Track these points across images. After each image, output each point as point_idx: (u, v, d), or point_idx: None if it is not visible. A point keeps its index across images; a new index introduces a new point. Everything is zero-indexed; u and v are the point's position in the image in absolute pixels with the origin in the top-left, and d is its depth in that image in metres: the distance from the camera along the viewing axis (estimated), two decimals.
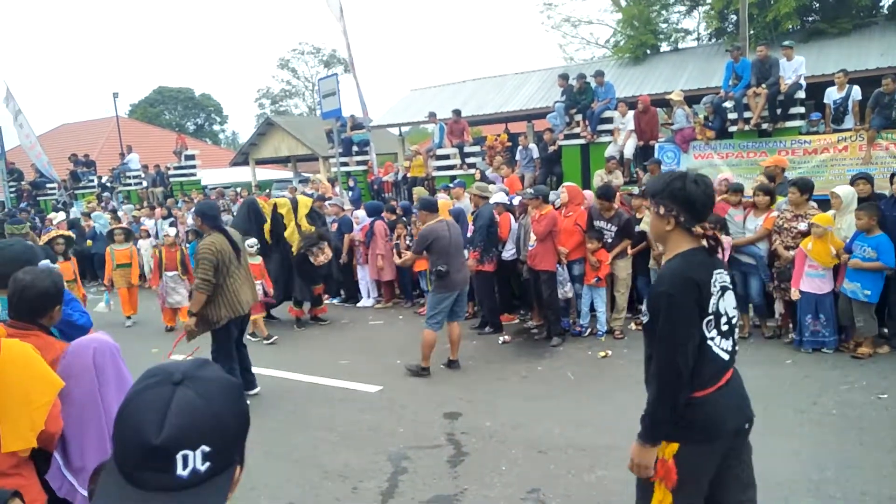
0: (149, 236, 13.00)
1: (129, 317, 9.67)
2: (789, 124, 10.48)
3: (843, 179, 9.18)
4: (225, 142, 53.41)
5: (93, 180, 19.67)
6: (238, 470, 1.09)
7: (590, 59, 25.23)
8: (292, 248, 8.68)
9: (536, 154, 12.96)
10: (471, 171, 12.97)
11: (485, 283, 7.79)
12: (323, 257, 8.57)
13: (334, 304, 10.16)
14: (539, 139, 13.58)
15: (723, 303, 2.35)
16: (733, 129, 10.83)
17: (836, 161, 9.99)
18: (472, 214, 8.21)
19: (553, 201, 7.51)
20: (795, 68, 10.34)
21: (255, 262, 8.04)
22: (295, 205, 8.86)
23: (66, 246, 7.94)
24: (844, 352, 6.22)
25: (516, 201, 8.26)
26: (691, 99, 12.87)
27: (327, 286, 9.54)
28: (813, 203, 6.65)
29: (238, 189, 16.32)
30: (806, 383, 5.60)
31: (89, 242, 12.66)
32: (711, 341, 2.32)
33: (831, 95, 10.33)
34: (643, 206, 7.55)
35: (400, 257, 6.99)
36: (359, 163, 15.61)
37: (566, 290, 7.30)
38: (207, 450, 1.00)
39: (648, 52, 19.32)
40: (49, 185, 20.04)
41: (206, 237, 5.68)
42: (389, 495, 4.13)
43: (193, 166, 18.65)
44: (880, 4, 17.48)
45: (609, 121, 12.06)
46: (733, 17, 18.30)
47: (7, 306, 2.65)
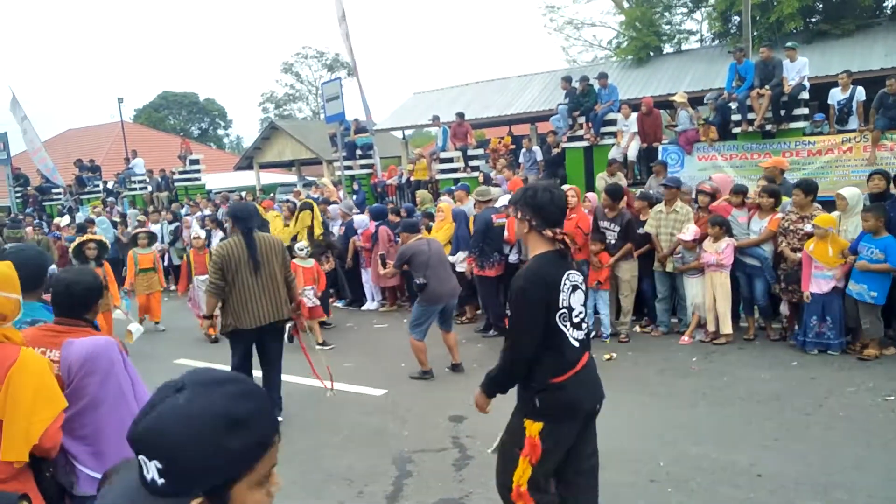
0: (155, 240, 13.04)
1: (157, 323, 9.45)
2: (793, 125, 10.46)
3: (848, 180, 9.17)
4: (229, 146, 53.53)
5: (98, 185, 19.75)
6: (199, 501, 1.01)
7: (592, 61, 25.23)
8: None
9: (540, 156, 12.96)
10: (474, 174, 12.97)
11: (489, 287, 7.79)
12: (327, 266, 8.60)
13: (339, 307, 10.17)
14: (542, 142, 13.59)
15: (573, 298, 2.76)
16: (737, 130, 10.82)
17: (840, 162, 9.96)
18: (475, 217, 8.21)
19: None
20: (799, 69, 10.33)
21: (307, 266, 7.87)
22: (312, 210, 8.80)
23: (99, 251, 7.54)
24: (851, 354, 6.20)
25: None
26: (695, 101, 12.86)
27: (331, 293, 9.56)
28: (817, 204, 6.62)
29: (243, 193, 16.35)
30: (812, 385, 5.57)
31: None
32: (566, 332, 2.72)
33: (835, 96, 10.30)
34: (645, 208, 7.54)
35: (385, 268, 7.15)
36: (362, 166, 15.63)
37: None
38: (160, 466, 1.00)
39: (651, 53, 19.31)
40: (55, 191, 20.12)
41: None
42: (394, 499, 4.12)
43: (198, 171, 18.70)
44: (884, 5, 17.45)
45: (612, 123, 12.06)
46: (736, 19, 18.28)
47: (29, 309, 2.69)
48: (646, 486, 4.06)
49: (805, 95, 10.46)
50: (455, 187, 10.34)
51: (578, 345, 2.77)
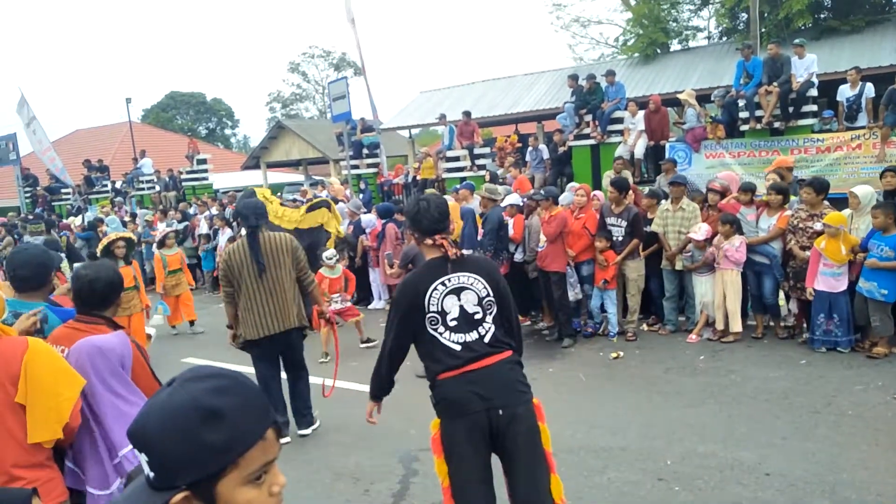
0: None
1: (192, 322, 9.27)
2: (801, 122, 10.40)
3: (857, 178, 9.12)
4: (236, 146, 53.72)
5: (106, 185, 19.87)
6: (183, 496, 1.01)
7: (599, 59, 25.16)
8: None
9: (547, 155, 12.94)
10: (481, 173, 12.98)
11: None
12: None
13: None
14: (549, 140, 13.57)
15: (450, 302, 2.79)
16: (745, 127, 10.76)
17: (849, 159, 9.90)
18: (482, 217, 8.19)
19: (562, 204, 7.48)
20: (807, 66, 10.27)
21: (335, 276, 7.66)
22: (329, 208, 8.71)
23: (127, 249, 7.33)
24: (860, 352, 6.16)
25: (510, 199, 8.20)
26: (702, 98, 12.81)
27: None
28: (826, 202, 6.58)
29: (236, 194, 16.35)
30: (821, 383, 5.54)
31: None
32: (440, 335, 2.79)
33: (844, 93, 10.24)
34: (653, 206, 7.52)
35: (391, 268, 7.16)
36: (369, 165, 15.66)
37: (576, 292, 7.28)
38: (147, 459, 1.03)
39: (658, 50, 19.23)
40: (64, 191, 20.25)
41: None
42: (401, 497, 4.13)
43: (205, 170, 18.78)
44: (893, 1, 17.32)
45: (619, 121, 12.02)
46: (744, 16, 18.20)
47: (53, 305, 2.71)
48: (653, 484, 4.05)
49: (814, 92, 10.40)
50: (459, 186, 10.32)
51: (461, 348, 2.77)
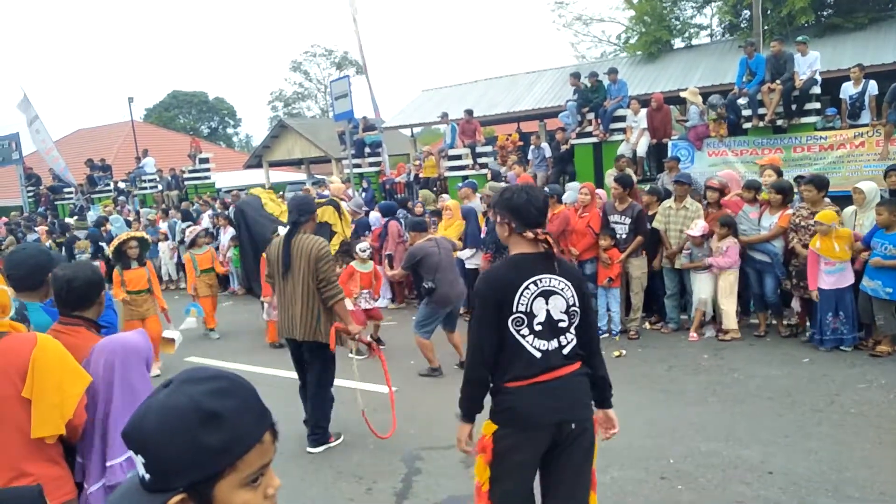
0: (167, 239, 13.12)
1: (212, 329, 8.84)
2: (804, 120, 10.37)
3: (860, 175, 9.08)
4: (238, 145, 53.78)
5: (109, 184, 19.89)
6: (180, 499, 1.01)
7: (601, 57, 25.12)
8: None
9: (549, 153, 12.92)
10: (483, 172, 12.96)
11: None
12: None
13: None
14: (551, 138, 13.54)
15: (539, 304, 2.57)
16: (748, 125, 10.73)
17: (852, 157, 9.87)
18: (484, 215, 8.19)
19: (566, 202, 7.47)
20: (810, 63, 10.23)
21: (366, 270, 7.40)
22: (338, 208, 8.67)
23: (141, 250, 6.99)
24: (863, 350, 6.15)
25: None
26: (705, 96, 12.78)
27: None
28: (828, 200, 6.57)
29: (248, 192, 16.38)
30: (824, 382, 5.53)
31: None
32: (522, 338, 2.56)
33: (847, 90, 10.20)
34: (654, 203, 7.51)
35: (392, 269, 7.06)
36: (371, 164, 15.66)
37: None
38: (143, 461, 1.02)
39: (661, 48, 19.19)
40: (66, 190, 20.29)
41: None
42: (404, 496, 4.13)
43: (208, 169, 18.80)
44: None
45: (622, 119, 12.00)
46: (747, 13, 18.15)
47: (23, 306, 2.70)
48: (656, 483, 4.05)
49: (817, 90, 10.36)
50: (461, 185, 10.31)
51: (540, 356, 2.57)
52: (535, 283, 2.59)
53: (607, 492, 3.99)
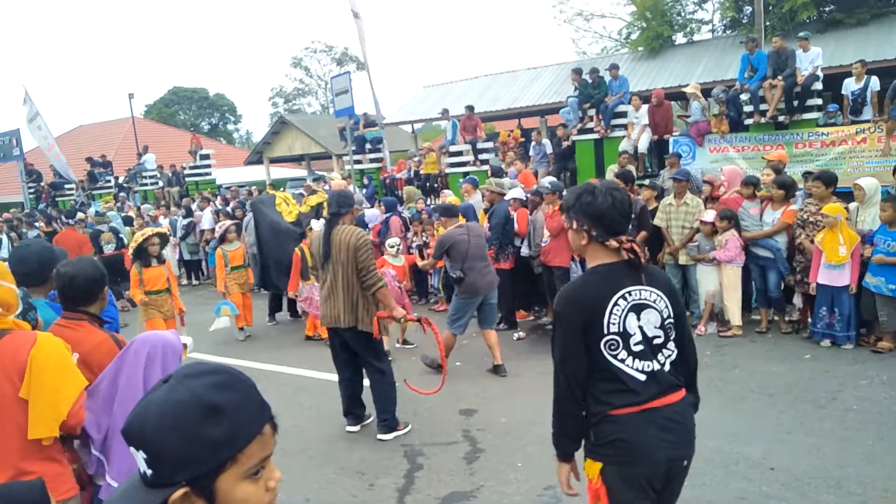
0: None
1: (241, 328, 8.44)
2: (806, 116, 10.35)
3: (862, 172, 9.07)
4: (239, 141, 53.75)
5: (110, 181, 19.90)
6: (183, 493, 1.02)
7: (602, 53, 25.09)
8: None
9: (550, 149, 12.91)
10: (484, 168, 12.95)
11: (501, 280, 7.76)
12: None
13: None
14: (552, 134, 13.53)
15: (632, 321, 2.24)
16: (749, 121, 10.72)
17: (854, 153, 9.85)
18: (486, 211, 8.17)
19: None
20: (812, 59, 10.21)
21: (398, 264, 7.32)
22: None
23: (162, 247, 6.78)
24: (865, 346, 6.15)
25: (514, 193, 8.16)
26: (706, 92, 12.76)
27: None
28: (834, 197, 6.56)
29: (251, 188, 16.40)
30: (825, 378, 5.53)
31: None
32: (621, 363, 2.23)
33: (849, 86, 10.19)
34: (652, 199, 7.51)
35: (423, 258, 6.87)
36: (372, 160, 15.64)
37: None
38: (145, 456, 1.02)
39: (662, 43, 19.15)
40: (67, 186, 20.29)
41: None
42: (406, 492, 4.14)
43: (208, 166, 18.80)
44: None
45: (623, 115, 11.98)
46: (748, 9, 18.10)
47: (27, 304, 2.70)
48: None
49: (818, 86, 10.35)
50: (462, 181, 10.29)
51: (645, 378, 2.22)
52: (624, 297, 2.26)
53: None
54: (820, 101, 10.56)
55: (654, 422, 2.21)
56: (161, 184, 18.41)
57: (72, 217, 12.62)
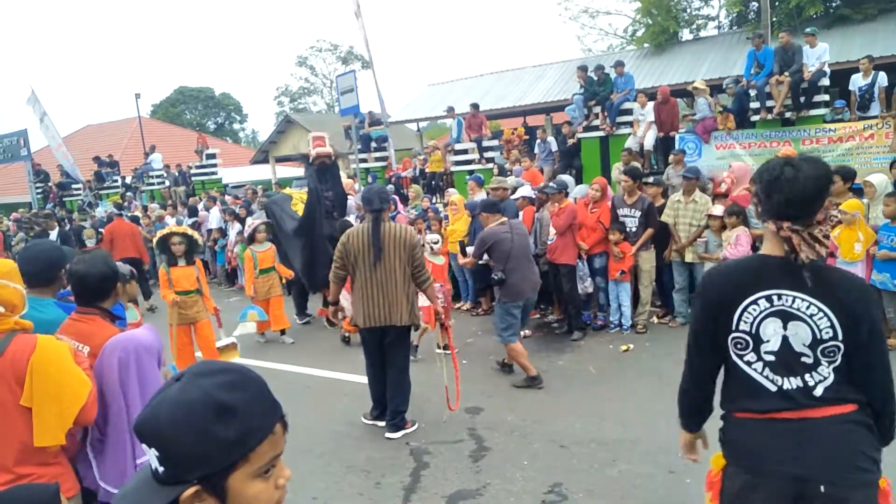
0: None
1: (282, 331, 7.98)
2: (813, 112, 10.29)
3: (870, 168, 9.02)
4: (245, 140, 53.85)
5: (117, 180, 19.98)
6: (195, 490, 1.02)
7: (608, 50, 25.02)
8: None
9: (555, 147, 12.89)
10: (489, 166, 12.94)
11: None
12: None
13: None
14: (558, 132, 13.49)
15: (771, 327, 1.96)
16: (755, 118, 10.67)
17: (861, 149, 9.80)
18: None
19: (575, 196, 7.44)
20: (819, 55, 10.15)
21: (439, 262, 7.05)
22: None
23: (189, 247, 6.31)
24: None
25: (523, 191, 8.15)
26: (712, 89, 12.70)
27: None
28: (849, 193, 6.53)
29: (256, 187, 16.43)
30: None
31: None
32: (748, 365, 2.01)
33: (856, 82, 10.13)
34: (659, 196, 7.48)
35: (464, 255, 6.58)
36: (377, 159, 15.65)
37: (586, 285, 7.25)
38: (157, 454, 1.03)
39: (668, 39, 19.09)
40: (74, 186, 20.39)
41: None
42: (412, 490, 4.15)
43: (214, 165, 18.84)
44: None
45: (628, 112, 11.94)
46: (755, 4, 18.02)
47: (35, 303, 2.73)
48: (664, 477, 4.05)
49: (825, 82, 10.29)
50: (468, 178, 10.29)
51: (776, 389, 1.96)
52: (769, 298, 1.95)
53: (615, 486, 3.99)
54: (827, 97, 10.50)
55: (778, 433, 1.96)
56: (168, 183, 18.47)
57: (120, 209, 12.95)
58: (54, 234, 11.44)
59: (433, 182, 13.71)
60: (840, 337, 1.91)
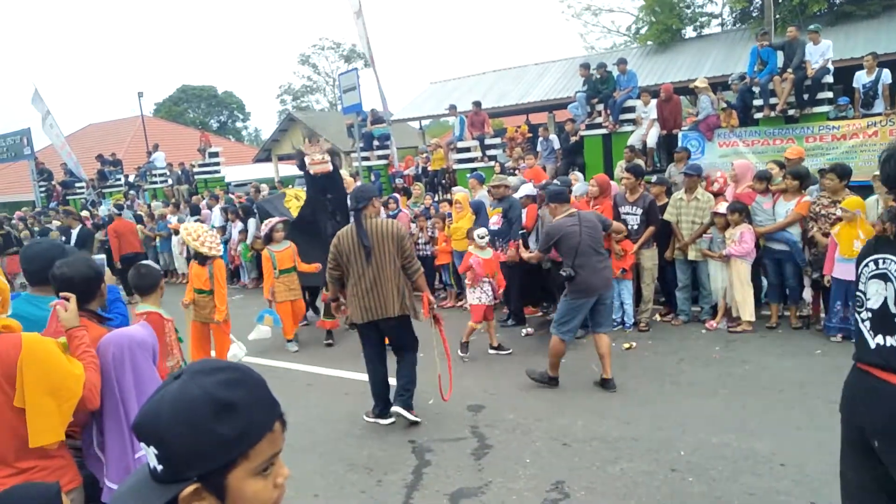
0: (178, 233, 13.18)
1: (292, 340, 7.61)
2: (817, 110, 10.26)
3: (874, 165, 8.97)
4: (248, 138, 53.88)
5: (119, 179, 20.00)
6: (194, 488, 1.02)
7: (611, 48, 24.96)
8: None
9: (557, 145, 12.87)
10: (491, 164, 12.92)
11: (510, 275, 7.75)
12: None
13: None
14: (560, 130, 13.48)
15: (875, 287, 2.26)
16: (759, 115, 10.64)
17: (865, 147, 9.76)
18: (492, 206, 8.16)
19: (576, 195, 7.43)
20: (822, 52, 10.12)
21: (487, 256, 6.84)
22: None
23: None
24: None
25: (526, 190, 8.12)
26: (715, 86, 12.67)
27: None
28: (848, 189, 6.51)
29: (259, 186, 16.42)
30: (836, 373, 5.43)
31: None
32: (860, 319, 2.34)
33: (860, 79, 10.09)
34: (663, 194, 7.47)
35: (527, 250, 6.33)
36: (379, 157, 15.64)
37: None
38: (156, 452, 1.03)
39: (672, 37, 19.03)
40: (78, 185, 20.42)
41: None
42: (414, 488, 4.15)
43: (217, 163, 18.83)
44: None
45: (631, 110, 11.92)
46: (758, 1, 17.95)
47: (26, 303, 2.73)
48: (666, 475, 4.04)
49: (829, 79, 10.25)
50: (469, 176, 10.27)
51: (874, 346, 2.23)
52: (876, 261, 2.25)
53: (617, 483, 3.99)
54: (830, 95, 10.46)
55: (857, 383, 2.29)
56: (170, 182, 18.48)
57: (120, 209, 13.31)
58: (76, 233, 11.47)
59: (435, 180, 13.70)
60: None
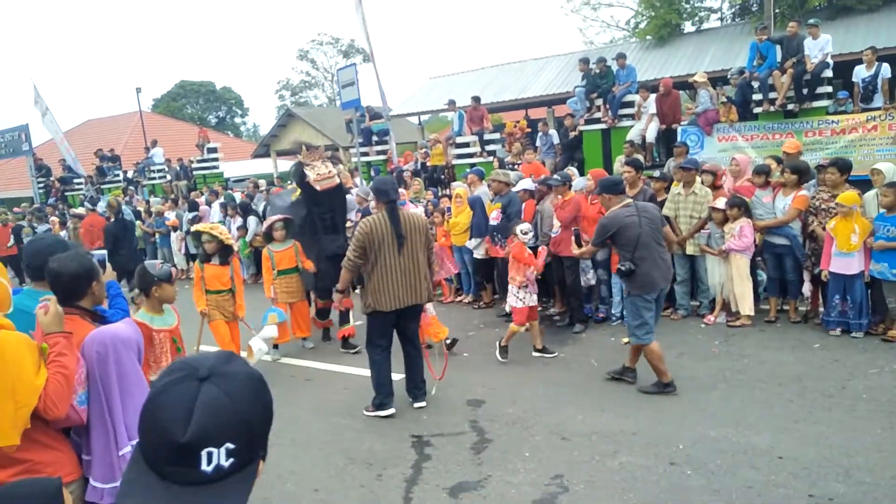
0: (176, 230, 13.16)
1: (304, 339, 7.40)
2: (816, 104, 10.26)
3: (873, 160, 8.98)
4: (246, 134, 53.78)
5: (118, 175, 19.97)
6: (261, 464, 1.09)
7: (610, 43, 24.92)
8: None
9: (557, 140, 12.86)
10: (490, 159, 12.92)
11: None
12: None
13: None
14: (559, 125, 13.46)
15: None
16: (758, 110, 10.63)
17: (865, 141, 9.77)
18: (492, 201, 8.16)
19: (576, 189, 7.42)
20: (822, 46, 10.11)
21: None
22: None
23: (220, 246, 6.12)
24: (874, 335, 6.11)
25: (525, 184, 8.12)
26: (714, 81, 12.65)
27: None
28: (847, 184, 6.51)
29: (258, 181, 16.39)
30: (835, 367, 5.51)
31: None
32: None
33: (860, 74, 10.09)
34: (662, 189, 7.46)
35: (579, 246, 5.96)
36: (378, 152, 15.63)
37: (589, 277, 7.25)
38: (232, 447, 1.03)
39: (671, 32, 18.99)
40: (76, 181, 20.39)
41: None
42: (414, 482, 4.16)
43: (216, 159, 18.82)
44: None
45: (630, 105, 11.91)
46: None
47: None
48: (665, 468, 4.05)
49: (828, 73, 10.25)
50: (468, 172, 10.25)
51: None
52: None
53: (616, 477, 4.00)
54: (830, 89, 10.46)
55: None
56: (169, 177, 18.46)
57: (94, 204, 13.58)
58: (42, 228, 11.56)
59: (435, 175, 13.69)
60: None
